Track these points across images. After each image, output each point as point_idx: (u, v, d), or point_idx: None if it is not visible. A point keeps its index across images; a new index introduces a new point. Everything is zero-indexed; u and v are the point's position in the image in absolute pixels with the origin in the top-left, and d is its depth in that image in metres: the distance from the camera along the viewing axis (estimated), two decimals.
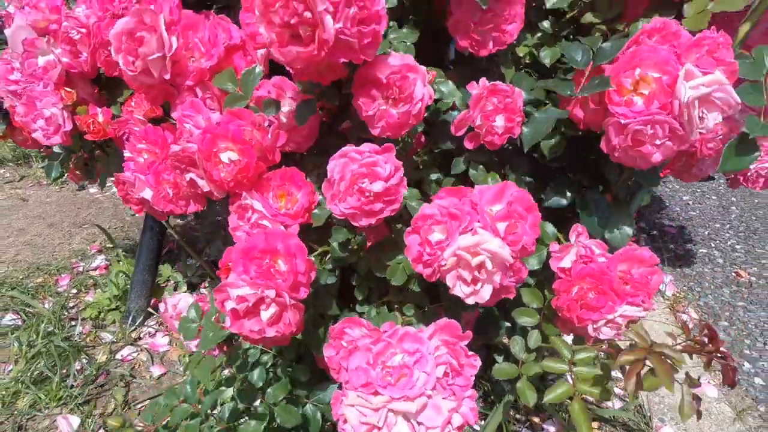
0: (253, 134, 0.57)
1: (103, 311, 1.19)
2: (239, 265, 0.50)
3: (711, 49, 0.47)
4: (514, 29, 0.57)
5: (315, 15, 0.42)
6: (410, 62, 0.50)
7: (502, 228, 0.47)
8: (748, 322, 1.10)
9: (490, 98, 0.55)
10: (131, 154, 0.64)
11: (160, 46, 0.55)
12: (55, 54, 0.71)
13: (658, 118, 0.47)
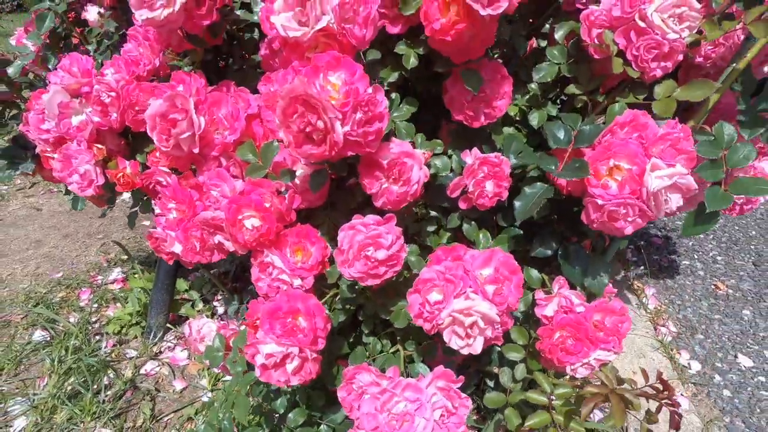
0: (273, 201, 0.64)
1: (125, 326, 1.28)
2: (266, 324, 0.58)
3: (673, 143, 0.54)
4: (503, 105, 0.64)
5: (326, 123, 0.49)
6: (408, 150, 0.57)
7: (490, 290, 0.55)
8: (722, 335, 1.19)
9: (481, 168, 0.63)
10: (161, 210, 0.71)
11: (190, 126, 0.62)
12: (87, 113, 0.78)
13: (629, 201, 0.54)
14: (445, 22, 0.54)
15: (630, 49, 0.60)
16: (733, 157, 0.59)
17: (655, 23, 0.57)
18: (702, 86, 0.59)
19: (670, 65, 0.60)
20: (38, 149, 0.89)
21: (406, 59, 0.63)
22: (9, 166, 1.01)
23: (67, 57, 0.78)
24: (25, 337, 1.25)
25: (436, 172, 0.64)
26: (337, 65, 0.51)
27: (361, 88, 0.50)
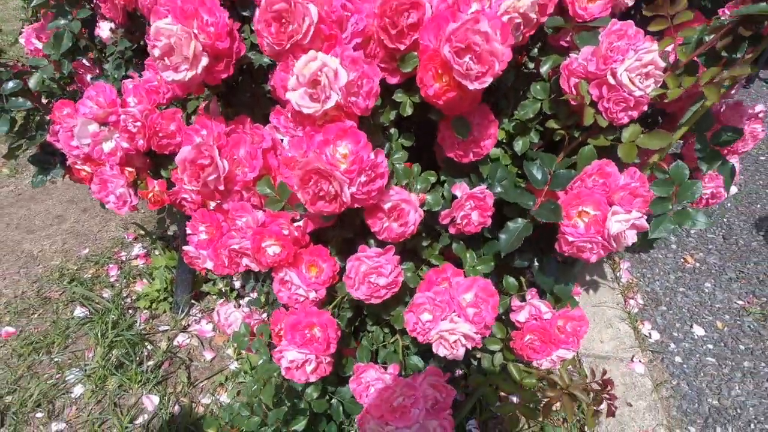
0: (290, 228, 0.75)
1: (155, 302, 1.44)
2: (289, 334, 0.72)
3: (632, 191, 0.64)
4: (490, 144, 0.73)
5: (336, 188, 0.59)
6: (405, 197, 0.67)
7: (471, 313, 0.68)
8: (683, 307, 1.35)
9: (468, 201, 0.73)
10: (192, 231, 0.82)
11: (216, 170, 0.71)
12: (116, 140, 0.86)
13: (594, 240, 0.65)
14: (438, 89, 0.61)
15: (601, 101, 0.68)
16: (683, 193, 0.69)
17: (623, 82, 0.64)
18: (660, 137, 0.67)
19: (636, 114, 0.68)
20: (69, 161, 0.98)
21: (402, 107, 0.71)
22: (40, 172, 1.10)
23: (92, 87, 0.85)
24: (67, 313, 1.41)
25: (429, 208, 0.74)
26: (344, 135, 0.60)
27: (365, 155, 0.60)
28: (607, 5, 0.71)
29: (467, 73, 0.57)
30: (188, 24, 0.63)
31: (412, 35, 0.63)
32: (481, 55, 0.56)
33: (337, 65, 0.57)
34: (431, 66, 0.60)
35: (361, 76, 0.59)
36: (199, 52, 0.63)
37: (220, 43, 0.65)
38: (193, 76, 0.64)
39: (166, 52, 0.63)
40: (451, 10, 0.61)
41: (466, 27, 0.55)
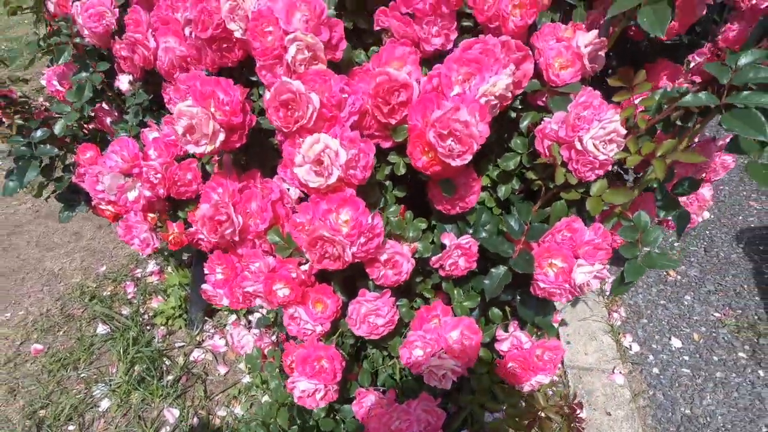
0: (298, 272, 0.85)
1: (170, 318, 1.54)
2: (300, 367, 0.82)
3: (595, 246, 0.74)
4: (474, 199, 0.82)
5: (339, 250, 0.68)
6: (399, 250, 0.76)
7: (458, 350, 0.78)
8: (663, 320, 1.45)
9: (455, 250, 0.82)
10: (209, 271, 0.92)
11: (231, 224, 0.80)
12: (139, 188, 0.95)
13: (563, 287, 0.75)
14: (425, 162, 0.70)
15: (571, 162, 0.77)
16: (646, 238, 0.78)
17: (589, 148, 0.73)
18: (623, 193, 0.76)
19: (602, 172, 0.77)
20: (93, 202, 1.08)
21: (396, 167, 0.80)
22: (66, 209, 1.20)
23: (116, 142, 0.94)
24: (90, 330, 1.52)
25: (420, 255, 0.83)
26: (345, 204, 0.69)
27: (364, 220, 0.69)
28: (577, 72, 0.79)
29: (450, 153, 0.66)
30: (206, 104, 0.72)
31: (402, 111, 0.72)
32: (462, 138, 0.65)
33: (338, 146, 0.66)
34: (419, 143, 0.69)
35: (359, 153, 0.68)
36: (217, 130, 0.72)
37: (234, 118, 0.74)
38: (212, 149, 0.74)
39: (188, 130, 0.72)
40: (436, 93, 0.70)
41: (448, 116, 0.64)
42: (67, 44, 1.02)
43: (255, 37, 0.69)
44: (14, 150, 1.04)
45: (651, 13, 0.66)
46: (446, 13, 0.74)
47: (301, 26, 0.65)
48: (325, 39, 0.68)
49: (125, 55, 0.97)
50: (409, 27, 0.75)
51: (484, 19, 0.77)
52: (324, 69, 0.67)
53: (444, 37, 0.76)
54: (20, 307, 1.60)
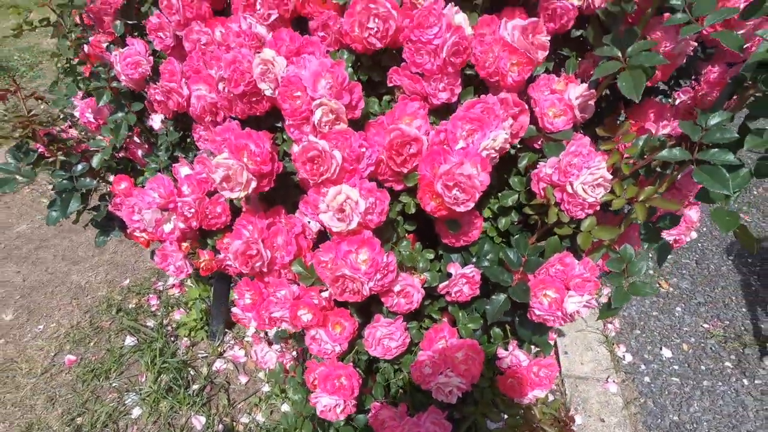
0: (320, 298, 0.95)
1: (193, 330, 1.65)
2: (321, 384, 0.92)
3: (585, 279, 0.83)
4: (476, 233, 0.92)
5: (359, 286, 0.78)
6: (410, 282, 0.86)
7: (462, 369, 0.88)
8: (654, 330, 1.54)
9: (460, 279, 0.92)
10: (238, 296, 1.02)
11: (261, 258, 0.90)
12: (173, 221, 1.05)
13: (555, 314, 0.85)
14: (434, 206, 0.80)
15: (563, 203, 0.86)
16: (632, 269, 0.88)
17: (579, 192, 0.83)
18: (610, 230, 0.86)
19: (591, 211, 0.86)
20: (129, 230, 1.18)
21: (407, 206, 0.89)
22: (101, 234, 1.30)
23: (153, 181, 1.04)
24: (118, 341, 1.63)
25: (429, 284, 0.93)
26: (363, 244, 0.79)
27: (380, 259, 0.79)
28: (569, 121, 0.89)
29: (455, 201, 0.76)
30: (240, 156, 0.82)
31: (413, 161, 0.81)
32: (466, 189, 0.75)
33: (358, 197, 0.76)
34: (428, 191, 0.79)
35: (376, 201, 0.78)
36: (250, 178, 0.82)
37: (264, 167, 0.84)
38: (245, 195, 0.83)
39: (225, 179, 0.82)
40: (442, 147, 0.79)
41: (454, 170, 0.74)
42: (105, 89, 1.12)
43: (285, 100, 0.78)
44: (57, 184, 1.14)
45: (629, 79, 0.76)
46: (452, 72, 0.83)
47: (326, 92, 0.75)
48: (346, 102, 0.77)
49: (159, 99, 1.07)
50: (419, 84, 0.85)
51: (485, 74, 0.86)
52: (346, 129, 0.77)
53: (449, 92, 0.85)
54: (52, 320, 1.71)
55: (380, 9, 0.77)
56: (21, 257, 2.01)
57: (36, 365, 1.54)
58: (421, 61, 0.81)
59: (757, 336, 1.47)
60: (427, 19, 0.79)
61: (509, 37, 0.83)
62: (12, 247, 2.07)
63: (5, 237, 2.12)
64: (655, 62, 0.75)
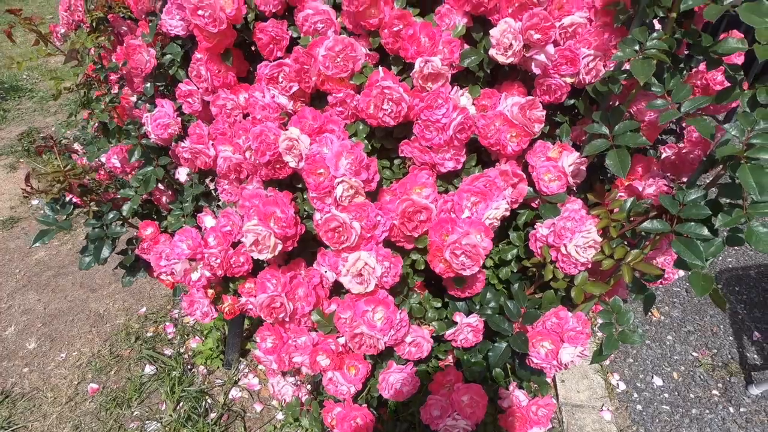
0: (336, 344, 1.04)
1: (209, 358, 1.73)
2: (339, 424, 1.01)
3: (577, 332, 0.92)
4: (480, 286, 1.01)
5: (374, 342, 0.87)
6: (420, 334, 0.95)
7: (468, 412, 0.97)
8: (647, 359, 1.63)
9: (465, 327, 1.01)
10: (260, 340, 1.11)
11: (284, 310, 0.99)
12: (200, 270, 1.14)
13: (551, 363, 0.94)
14: (442, 268, 0.89)
15: (558, 261, 0.95)
16: (620, 319, 0.97)
17: (571, 254, 0.92)
18: (600, 286, 0.95)
19: (583, 268, 0.96)
20: (156, 273, 1.27)
21: (417, 263, 0.99)
22: (128, 274, 1.39)
23: (182, 233, 1.13)
24: (138, 370, 1.71)
25: (437, 334, 1.02)
26: (379, 304, 0.88)
27: (394, 317, 0.88)
28: (563, 186, 0.98)
29: (462, 267, 0.85)
30: (267, 222, 0.91)
31: (423, 226, 0.91)
32: (471, 256, 0.84)
33: (375, 263, 0.85)
34: (437, 255, 0.88)
35: (390, 265, 0.87)
36: (275, 242, 0.91)
37: (289, 230, 0.93)
38: (272, 257, 0.93)
39: (254, 243, 0.91)
40: (450, 216, 0.88)
41: (460, 240, 0.83)
42: (136, 146, 1.21)
43: (309, 175, 0.88)
44: (90, 233, 1.23)
45: (615, 158, 0.85)
46: (457, 145, 0.93)
47: (346, 171, 0.84)
48: (364, 178, 0.87)
49: (187, 157, 1.16)
50: (427, 155, 0.94)
51: (487, 144, 0.96)
52: (364, 202, 0.86)
53: (455, 161, 0.95)
54: (74, 348, 1.79)
55: (394, 94, 0.87)
56: (41, 285, 2.09)
57: (60, 394, 1.62)
58: (430, 136, 0.91)
59: (742, 365, 1.56)
60: (435, 101, 0.88)
61: (509, 113, 0.93)
62: (32, 274, 2.15)
63: (25, 264, 2.21)
64: (639, 143, 0.85)
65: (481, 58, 0.94)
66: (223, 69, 1.06)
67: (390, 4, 0.93)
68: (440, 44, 0.88)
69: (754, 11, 0.73)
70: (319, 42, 0.93)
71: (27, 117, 3.62)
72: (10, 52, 4.86)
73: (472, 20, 0.94)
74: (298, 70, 0.95)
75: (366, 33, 0.97)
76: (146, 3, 1.21)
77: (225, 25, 0.95)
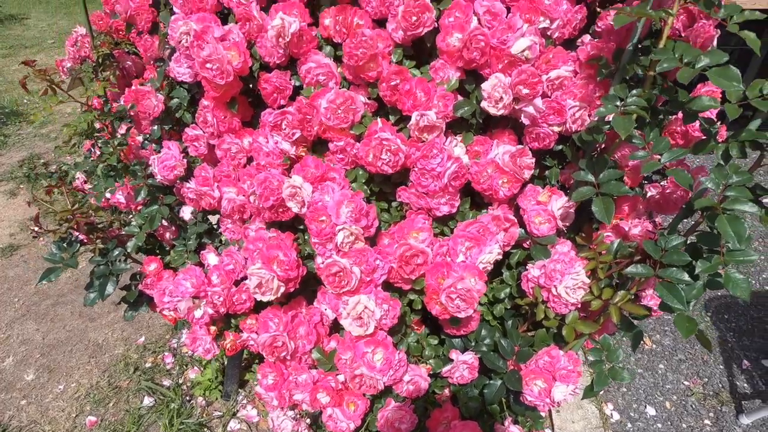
0: (336, 381, 1.07)
1: (208, 390, 1.74)
2: None
3: (569, 371, 0.96)
4: (475, 325, 1.05)
5: (373, 383, 0.90)
6: (418, 373, 0.98)
7: None
8: (639, 388, 1.66)
9: (461, 365, 1.04)
10: (261, 376, 1.14)
11: (285, 348, 1.02)
12: (203, 308, 1.17)
13: (544, 401, 0.97)
14: (439, 310, 0.93)
15: (549, 302, 1.00)
16: (610, 356, 1.01)
17: (561, 295, 0.96)
18: (590, 325, 0.99)
19: (573, 307, 1.00)
20: (158, 309, 1.30)
21: (415, 303, 1.03)
22: (131, 308, 1.41)
23: (186, 272, 1.17)
24: (136, 402, 1.72)
25: (434, 372, 1.05)
26: (378, 345, 0.91)
27: (393, 357, 0.91)
28: (552, 228, 1.03)
29: (457, 309, 0.89)
30: (270, 265, 0.95)
31: (420, 269, 0.95)
32: (466, 299, 0.88)
33: (374, 306, 0.89)
34: (434, 298, 0.92)
35: (389, 308, 0.91)
36: (279, 285, 0.95)
37: (291, 273, 0.97)
38: (275, 298, 0.96)
39: (258, 286, 0.95)
40: (445, 260, 0.93)
41: (455, 284, 0.87)
42: (142, 186, 1.25)
43: (311, 222, 0.92)
44: (96, 270, 1.27)
45: (601, 205, 0.90)
46: (452, 191, 0.98)
47: (347, 219, 0.89)
48: (363, 225, 0.91)
49: (192, 198, 1.21)
50: (423, 200, 0.99)
51: (480, 188, 1.01)
52: (364, 247, 0.91)
53: (450, 206, 1.00)
54: (72, 379, 1.80)
55: (392, 145, 0.92)
56: (40, 314, 2.10)
57: (59, 427, 1.62)
58: (426, 183, 0.96)
59: (733, 393, 1.59)
60: (430, 151, 0.94)
61: (500, 161, 0.98)
62: (31, 303, 2.16)
63: (24, 293, 2.22)
64: (622, 193, 0.90)
65: (474, 109, 1.00)
66: (228, 115, 1.12)
67: (387, 59, 0.99)
68: (435, 98, 0.94)
69: (722, 75, 0.79)
70: (321, 94, 0.98)
71: (28, 142, 3.66)
72: (11, 77, 4.94)
73: (465, 74, 1.00)
74: (301, 119, 1.00)
75: (365, 84, 1.03)
76: (155, 50, 1.27)
77: (232, 77, 1.01)
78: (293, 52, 1.03)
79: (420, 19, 0.92)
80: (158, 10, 1.23)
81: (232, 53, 1.00)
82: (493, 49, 0.93)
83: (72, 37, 1.40)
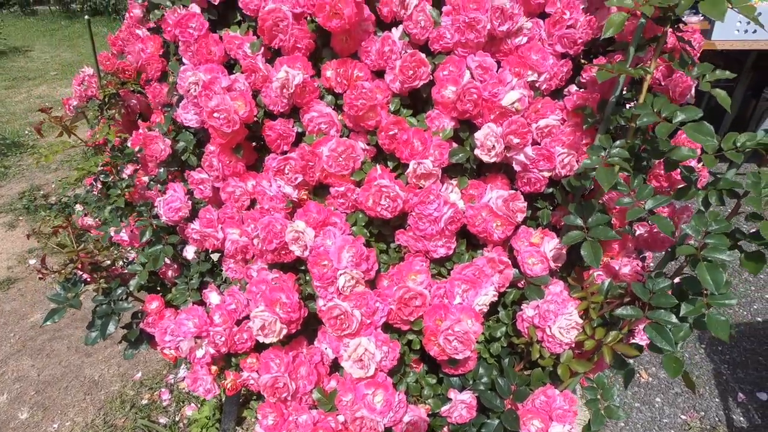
0: (336, 422, 1.07)
1: (205, 427, 1.73)
2: None
3: (565, 411, 0.98)
4: (472, 364, 1.07)
5: (374, 423, 0.92)
6: (418, 413, 1.00)
7: None
8: (637, 423, 1.66)
9: (459, 404, 1.06)
10: (261, 417, 1.14)
11: (287, 389, 1.04)
12: (205, 347, 1.19)
13: None
14: (436, 351, 0.96)
15: (544, 342, 1.02)
16: (606, 395, 1.03)
17: (555, 335, 0.99)
18: (584, 364, 1.02)
19: (567, 347, 1.03)
20: (159, 347, 1.31)
21: (414, 343, 1.05)
22: (131, 347, 1.42)
23: (188, 312, 1.19)
24: None
25: (433, 411, 1.07)
26: (378, 387, 0.93)
27: (393, 399, 0.93)
28: (545, 269, 1.07)
29: (455, 351, 0.92)
30: (273, 308, 0.98)
31: (418, 311, 0.98)
32: (463, 341, 0.91)
33: (374, 349, 0.91)
34: (432, 339, 0.95)
35: (389, 350, 0.94)
36: (281, 327, 0.98)
37: (293, 315, 1.00)
38: (277, 340, 0.99)
39: (261, 327, 0.97)
40: (443, 302, 0.96)
41: (453, 326, 0.90)
42: (148, 227, 1.29)
43: (313, 266, 0.96)
44: (98, 309, 1.28)
45: (590, 249, 0.95)
46: (448, 234, 1.02)
47: (348, 264, 0.93)
48: (364, 269, 0.95)
49: (196, 238, 1.24)
50: (421, 243, 1.03)
51: (475, 231, 1.05)
52: (364, 291, 0.94)
53: (447, 248, 1.04)
54: (66, 418, 1.78)
55: (390, 192, 0.97)
56: (36, 349, 2.09)
57: None
58: (423, 227, 1.00)
59: (729, 427, 1.60)
60: (427, 197, 0.98)
61: (494, 205, 1.03)
62: (27, 338, 2.15)
63: (20, 327, 2.21)
64: (610, 238, 0.95)
65: (468, 155, 1.06)
66: (233, 160, 1.17)
67: (386, 108, 1.05)
68: (431, 148, 0.99)
69: (698, 130, 0.85)
70: (323, 142, 1.04)
71: (28, 174, 3.70)
72: (14, 108, 5.03)
73: (459, 123, 1.06)
74: (304, 165, 1.05)
75: (364, 131, 1.08)
76: (163, 97, 1.33)
77: (238, 126, 1.06)
78: (296, 102, 1.09)
79: (416, 73, 0.98)
80: (167, 60, 1.30)
81: (239, 103, 1.06)
82: (485, 101, 0.99)
83: (79, 76, 1.46)
